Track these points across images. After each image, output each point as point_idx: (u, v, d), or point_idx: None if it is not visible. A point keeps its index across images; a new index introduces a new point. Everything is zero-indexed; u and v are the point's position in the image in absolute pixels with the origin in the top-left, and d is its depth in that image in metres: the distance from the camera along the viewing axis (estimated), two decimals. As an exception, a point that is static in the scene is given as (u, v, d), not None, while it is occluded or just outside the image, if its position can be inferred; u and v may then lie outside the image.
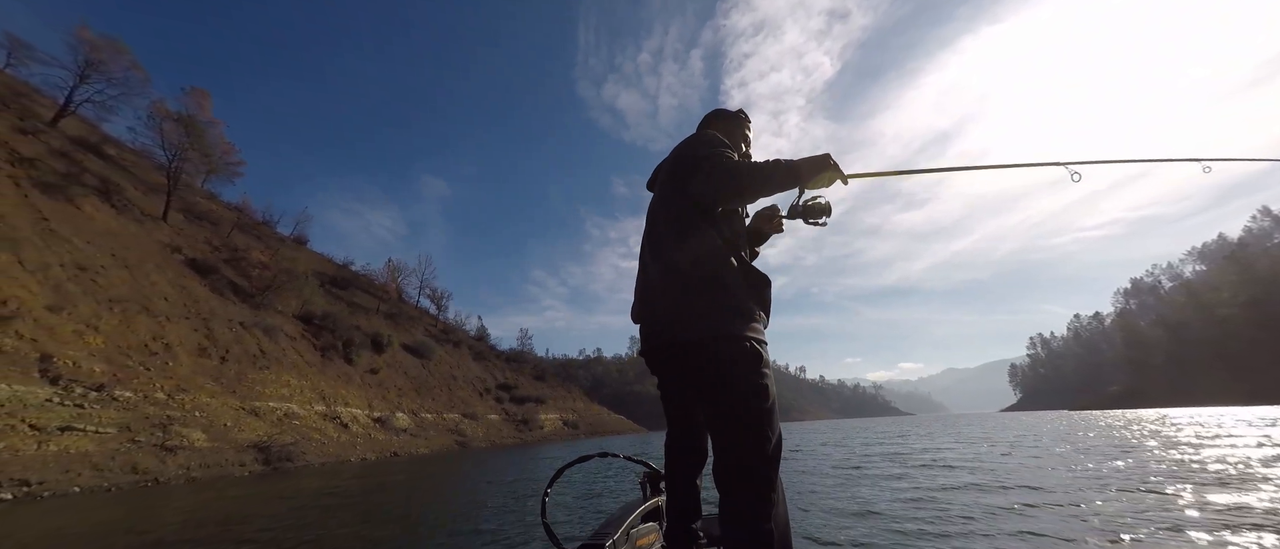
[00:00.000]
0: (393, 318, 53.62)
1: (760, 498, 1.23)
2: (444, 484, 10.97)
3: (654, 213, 1.59)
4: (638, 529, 1.68)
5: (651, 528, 1.76)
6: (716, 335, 1.32)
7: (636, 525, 1.70)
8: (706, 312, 1.34)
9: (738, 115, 1.80)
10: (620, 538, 1.54)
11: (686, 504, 1.61)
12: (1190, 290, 76.33)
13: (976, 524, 4.23)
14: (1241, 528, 3.66)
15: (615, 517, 1.71)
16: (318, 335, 36.07)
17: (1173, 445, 9.96)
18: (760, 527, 1.21)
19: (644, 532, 1.70)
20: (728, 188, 1.38)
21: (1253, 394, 44.43)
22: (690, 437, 1.63)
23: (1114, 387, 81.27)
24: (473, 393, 52.59)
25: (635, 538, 1.63)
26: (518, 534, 5.19)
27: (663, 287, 1.44)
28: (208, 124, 35.49)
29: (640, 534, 1.67)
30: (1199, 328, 62.12)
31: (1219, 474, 6.04)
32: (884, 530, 4.22)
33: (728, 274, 1.37)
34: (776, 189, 1.38)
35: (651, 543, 1.70)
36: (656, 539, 1.74)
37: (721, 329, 1.32)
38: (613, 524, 1.61)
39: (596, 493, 7.95)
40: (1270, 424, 14.36)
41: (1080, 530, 3.84)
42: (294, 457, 19.60)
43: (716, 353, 1.32)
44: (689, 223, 1.44)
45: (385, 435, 30.42)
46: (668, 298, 1.42)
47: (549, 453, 23.04)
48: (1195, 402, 50.30)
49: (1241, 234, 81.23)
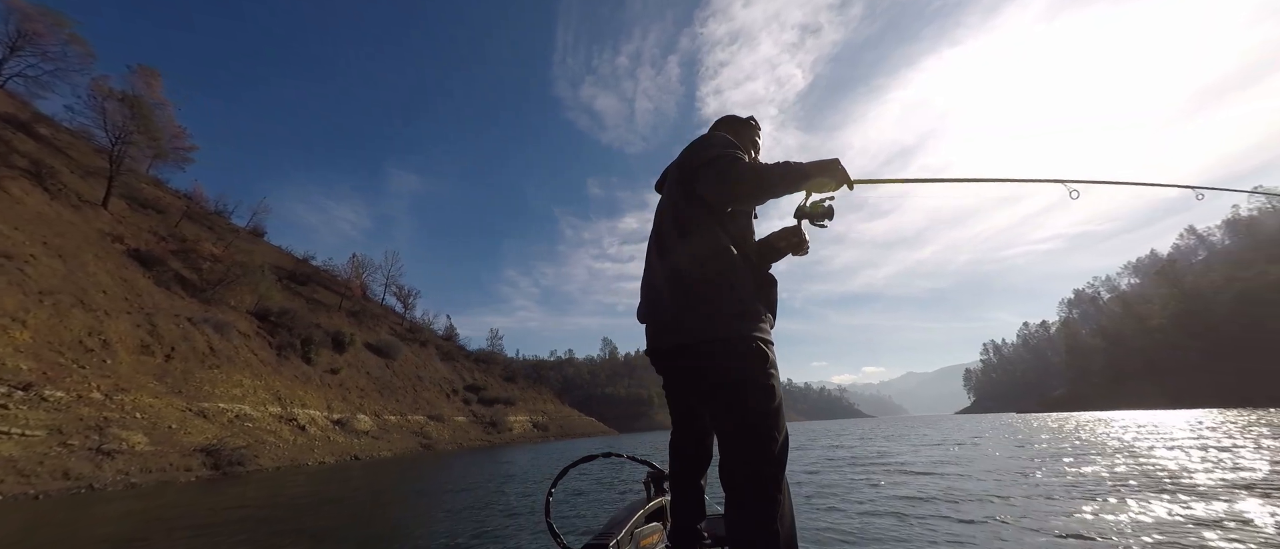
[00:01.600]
0: (356, 316, 51.68)
1: (767, 499, 1.22)
2: (399, 492, 10.61)
3: (661, 213, 1.59)
4: (641, 530, 1.67)
5: (655, 528, 1.76)
6: (722, 336, 1.31)
7: (640, 526, 1.69)
8: (712, 312, 1.33)
9: (749, 121, 1.79)
10: (624, 538, 1.53)
11: (691, 504, 1.61)
12: (1125, 302, 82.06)
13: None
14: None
15: (619, 517, 1.71)
16: (274, 333, 34.39)
17: (1093, 447, 10.67)
18: (767, 527, 1.20)
19: (647, 532, 1.69)
20: (737, 188, 1.38)
21: (1177, 398, 48.07)
22: (695, 437, 1.62)
23: (1058, 391, 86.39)
24: (439, 394, 51.22)
25: (639, 538, 1.62)
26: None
27: (668, 287, 1.43)
28: (156, 105, 33.37)
29: (644, 534, 1.66)
30: (1132, 337, 66.76)
31: (1116, 474, 6.53)
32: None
33: (734, 274, 1.36)
34: (784, 191, 1.37)
35: (655, 543, 1.69)
36: (660, 539, 1.73)
37: (727, 330, 1.31)
38: (617, 525, 1.60)
39: (580, 491, 7.87)
40: (1191, 426, 15.59)
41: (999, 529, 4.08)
42: (246, 460, 18.60)
43: (722, 354, 1.31)
44: (696, 223, 1.43)
45: (345, 438, 29.25)
46: (673, 298, 1.41)
47: (514, 456, 22.68)
48: (1128, 405, 54.02)
49: (1170, 251, 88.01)
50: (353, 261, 59.83)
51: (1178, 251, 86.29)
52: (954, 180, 1.72)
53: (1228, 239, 78.93)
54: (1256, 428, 13.72)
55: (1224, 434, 12.22)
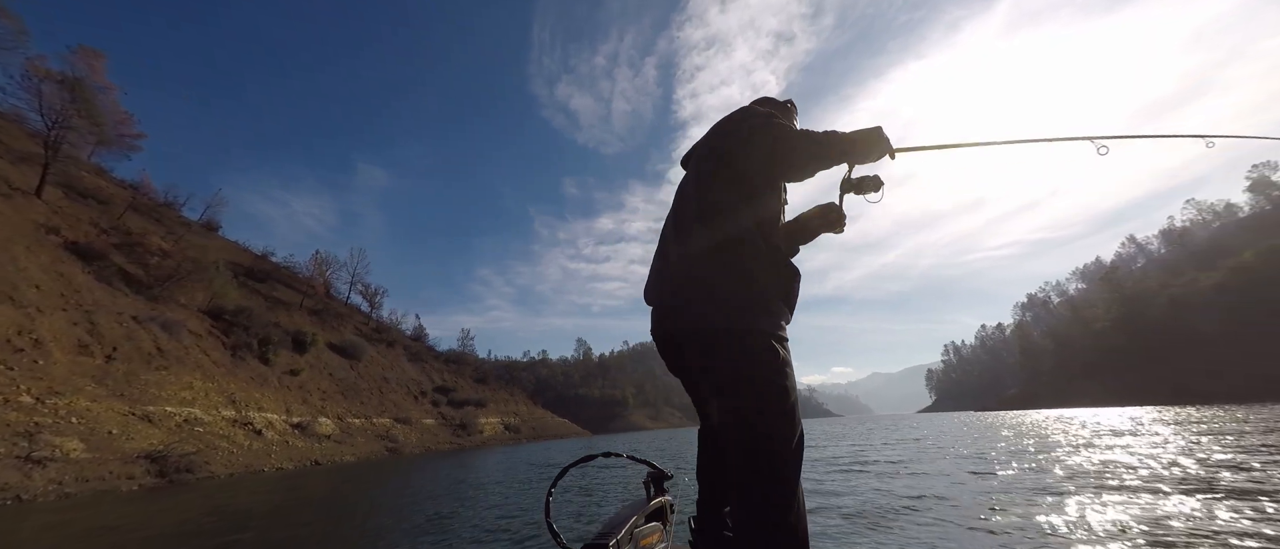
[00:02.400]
0: (318, 315, 49.70)
1: (773, 502, 1.14)
2: (353, 500, 10.25)
3: (684, 190, 1.49)
4: (641, 530, 1.65)
5: (655, 528, 1.73)
6: (729, 327, 1.23)
7: (640, 526, 1.67)
8: (722, 301, 1.25)
9: (788, 104, 1.68)
10: (624, 538, 1.50)
11: (716, 494, 1.55)
12: (1073, 306, 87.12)
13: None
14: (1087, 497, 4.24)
15: (619, 517, 1.67)
16: (228, 332, 32.69)
17: (1048, 446, 11.28)
18: (773, 531, 1.13)
19: (647, 532, 1.67)
20: (792, 156, 1.29)
21: (1120, 397, 51.27)
22: None
23: (1012, 390, 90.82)
24: (407, 396, 49.76)
25: (639, 538, 1.60)
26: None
27: (680, 269, 1.35)
28: (100, 89, 31.21)
29: (644, 534, 1.64)
30: (1079, 339, 70.88)
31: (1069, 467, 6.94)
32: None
33: (752, 261, 1.27)
34: (833, 161, 1.30)
35: (655, 543, 1.68)
36: (660, 539, 1.72)
37: (736, 321, 1.23)
38: (616, 525, 1.57)
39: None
40: (1123, 423, 16.66)
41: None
42: (195, 467, 17.58)
43: (729, 347, 1.23)
44: (720, 202, 1.33)
45: (305, 443, 28.04)
46: (685, 281, 1.33)
47: (484, 461, 22.27)
48: (1075, 403, 57.30)
49: (1113, 258, 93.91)
50: (315, 258, 57.55)
51: (1119, 259, 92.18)
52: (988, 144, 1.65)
53: (1163, 248, 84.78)
54: (1182, 424, 14.74)
55: (1149, 430, 13.10)
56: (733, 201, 1.32)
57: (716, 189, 1.36)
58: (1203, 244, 68.32)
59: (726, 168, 1.37)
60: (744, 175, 1.34)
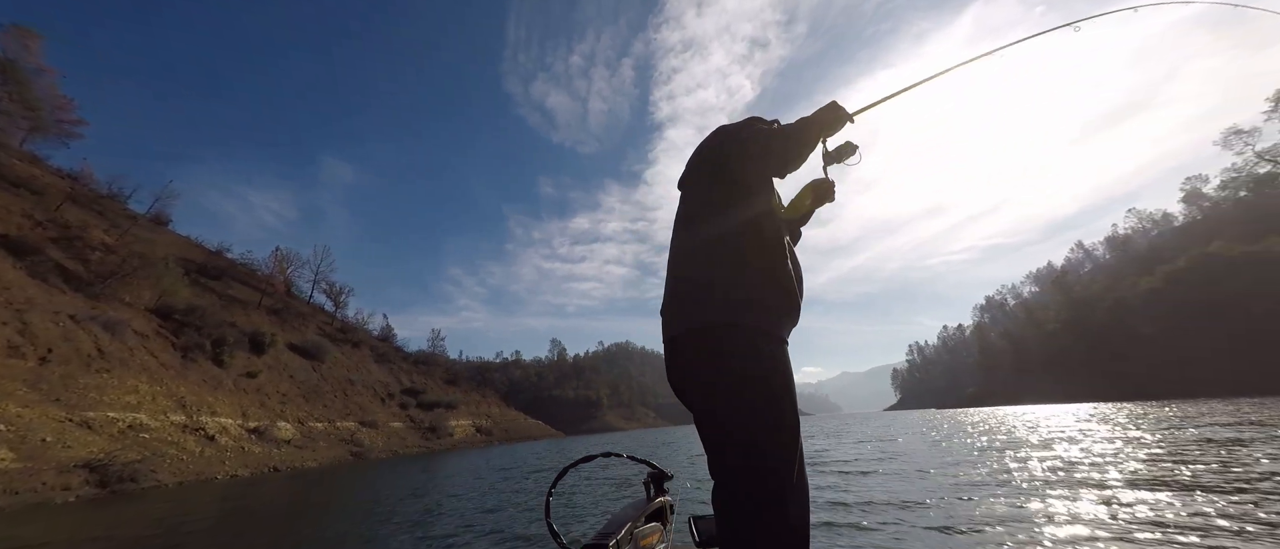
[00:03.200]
0: (278, 314, 47.65)
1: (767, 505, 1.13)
2: (309, 511, 9.87)
3: (683, 202, 1.54)
4: (641, 529, 1.65)
5: (655, 528, 1.73)
6: (725, 321, 1.25)
7: (640, 526, 1.67)
8: (718, 295, 1.28)
9: (773, 122, 1.76)
10: (624, 538, 1.51)
11: None
12: (1027, 309, 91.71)
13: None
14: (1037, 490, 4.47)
15: (619, 517, 1.67)
16: (179, 332, 30.97)
17: (1003, 444, 11.84)
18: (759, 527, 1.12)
19: (647, 532, 1.67)
20: (780, 151, 1.38)
21: (1070, 394, 54.23)
22: None
23: (971, 389, 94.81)
24: (373, 398, 48.20)
25: (639, 538, 1.60)
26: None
27: (679, 271, 1.41)
28: (35, 72, 29.08)
29: (644, 534, 1.64)
30: (1033, 340, 74.63)
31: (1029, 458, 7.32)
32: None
33: (749, 257, 1.31)
34: (810, 146, 1.41)
35: (655, 543, 1.67)
36: (660, 539, 1.72)
37: (720, 316, 1.26)
38: (617, 525, 1.57)
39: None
40: (1068, 419, 17.66)
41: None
42: (140, 476, 16.56)
43: (714, 343, 1.26)
44: (717, 202, 1.40)
45: (263, 448, 26.80)
46: (682, 282, 1.38)
47: (449, 463, 21.80)
48: (1029, 400, 60.30)
49: (1063, 263, 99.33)
50: (276, 255, 55.21)
51: (1069, 264, 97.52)
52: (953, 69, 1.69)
53: (1108, 254, 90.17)
54: (1122, 420, 15.70)
55: (1090, 426, 13.91)
56: (727, 201, 1.38)
57: (714, 190, 1.42)
58: (1142, 251, 73.07)
59: (721, 170, 1.43)
60: (737, 177, 1.39)
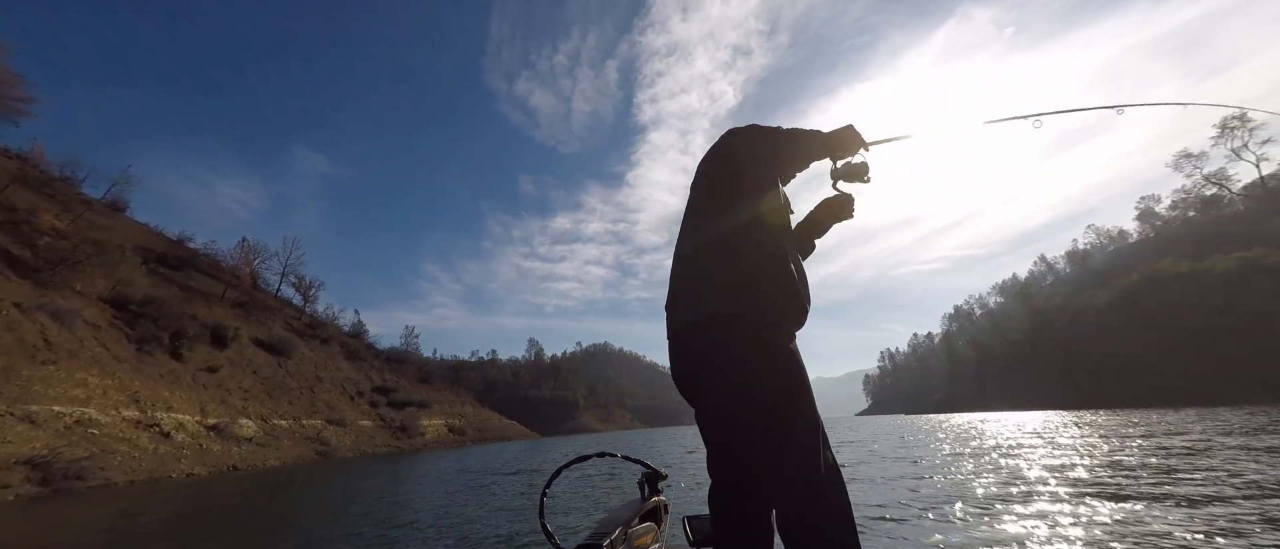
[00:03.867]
0: (243, 307, 45.88)
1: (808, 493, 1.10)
2: (267, 511, 9.54)
3: (692, 200, 1.55)
4: (635, 529, 1.64)
5: (649, 528, 1.72)
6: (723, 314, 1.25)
7: (634, 526, 1.66)
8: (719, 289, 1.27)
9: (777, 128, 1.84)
10: (618, 538, 1.50)
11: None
12: (992, 318, 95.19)
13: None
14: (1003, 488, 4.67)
15: (613, 517, 1.67)
16: (134, 324, 29.51)
17: (961, 443, 12.28)
18: None
19: (642, 532, 1.66)
20: (783, 153, 1.41)
21: (1031, 401, 56.47)
22: None
23: (939, 395, 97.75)
24: (342, 396, 46.82)
25: (633, 538, 1.60)
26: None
27: (685, 267, 1.41)
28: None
29: (638, 534, 1.64)
30: (997, 348, 77.47)
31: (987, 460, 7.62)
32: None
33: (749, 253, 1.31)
34: (815, 156, 1.44)
35: (649, 543, 1.67)
36: (654, 539, 1.71)
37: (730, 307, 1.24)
38: (611, 525, 1.57)
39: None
40: (1020, 425, 18.45)
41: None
42: (87, 474, 15.70)
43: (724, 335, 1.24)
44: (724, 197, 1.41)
45: (222, 446, 25.73)
46: (686, 277, 1.39)
47: (425, 468, 21.39)
48: (993, 407, 62.56)
49: (1027, 275, 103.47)
50: (242, 246, 53.05)
51: (1032, 276, 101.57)
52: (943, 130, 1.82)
53: (1068, 267, 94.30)
54: (1075, 427, 16.45)
55: (1047, 430, 14.54)
56: (733, 199, 1.39)
57: (721, 189, 1.43)
58: (1100, 265, 76.68)
59: (729, 169, 1.44)
60: (745, 176, 1.41)
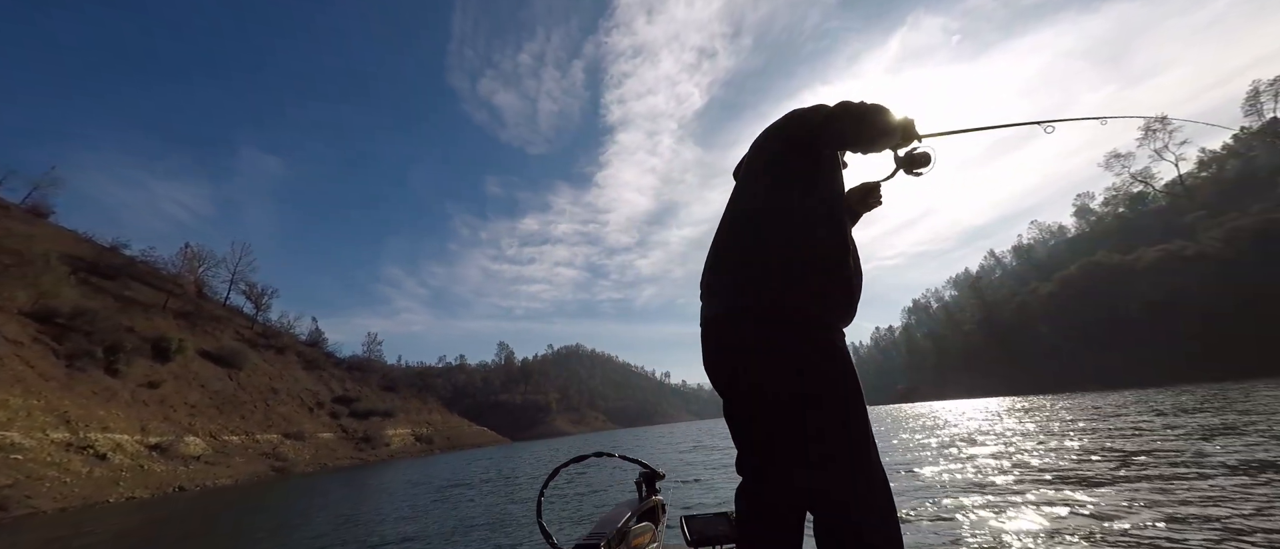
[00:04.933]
0: (188, 317, 43.15)
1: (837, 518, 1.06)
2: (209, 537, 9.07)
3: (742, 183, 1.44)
4: (633, 529, 1.64)
5: (646, 527, 1.72)
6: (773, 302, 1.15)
7: (632, 525, 1.65)
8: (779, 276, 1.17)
9: None
10: (615, 537, 1.50)
11: None
12: (947, 311, 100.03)
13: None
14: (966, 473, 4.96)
15: (610, 516, 1.66)
16: (62, 339, 27.28)
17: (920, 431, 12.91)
18: None
19: (639, 531, 1.66)
20: (868, 123, 1.29)
21: (984, 389, 59.66)
22: None
23: (900, 385, 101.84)
24: (299, 408, 44.68)
25: (631, 538, 1.59)
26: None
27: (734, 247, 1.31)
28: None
29: (636, 534, 1.63)
30: (952, 339, 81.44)
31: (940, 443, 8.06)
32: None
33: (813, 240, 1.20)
34: (891, 135, 1.33)
35: (646, 543, 1.66)
36: (652, 539, 1.70)
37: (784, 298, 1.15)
38: (608, 524, 1.56)
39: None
40: (988, 412, 19.57)
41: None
42: (9, 504, 14.42)
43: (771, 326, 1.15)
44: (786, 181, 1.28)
45: (167, 466, 24.12)
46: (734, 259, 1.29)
47: (387, 478, 20.74)
48: (950, 396, 65.77)
49: (978, 269, 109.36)
50: (186, 253, 49.92)
51: (983, 270, 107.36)
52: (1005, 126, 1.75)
53: (1015, 261, 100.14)
54: (1022, 411, 17.53)
55: (995, 417, 15.45)
56: (796, 177, 1.28)
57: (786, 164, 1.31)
58: (1043, 259, 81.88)
59: (797, 142, 1.32)
60: (816, 149, 1.30)
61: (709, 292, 1.32)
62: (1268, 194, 39.48)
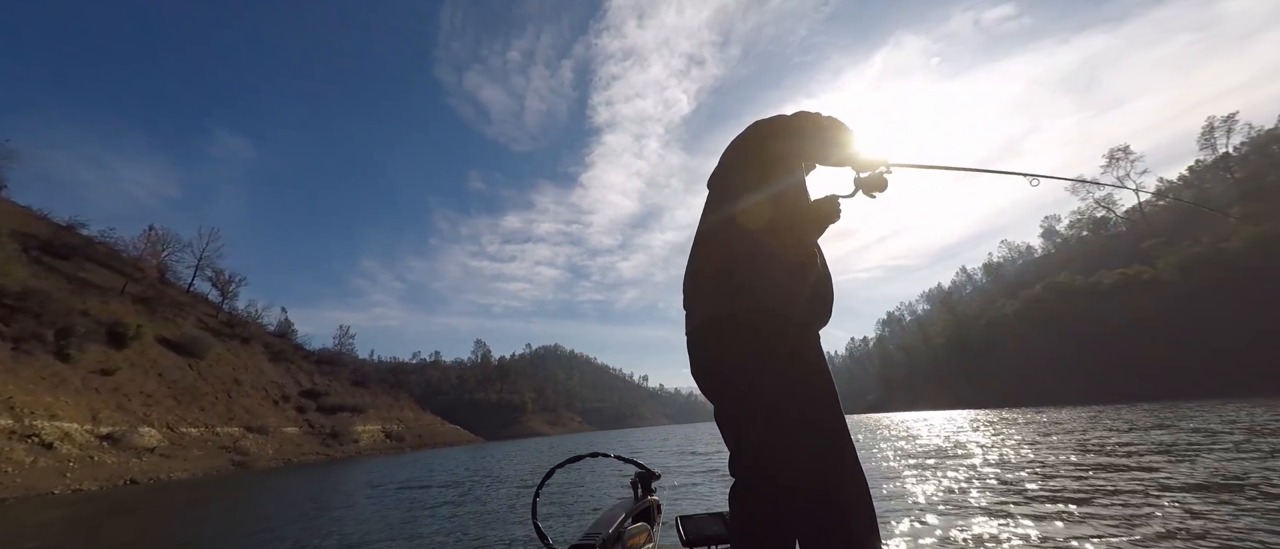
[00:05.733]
0: (148, 302, 41.30)
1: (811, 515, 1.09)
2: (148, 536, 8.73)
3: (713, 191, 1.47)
4: (629, 529, 1.63)
5: (642, 528, 1.73)
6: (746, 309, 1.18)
7: (628, 525, 1.65)
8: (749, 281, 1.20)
9: None
10: (611, 537, 1.50)
11: None
12: (920, 324, 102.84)
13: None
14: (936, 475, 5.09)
15: (606, 516, 1.66)
16: (9, 320, 25.84)
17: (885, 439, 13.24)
18: None
19: (635, 531, 1.67)
20: (825, 134, 1.33)
21: (953, 401, 61.37)
22: None
23: (871, 396, 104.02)
24: (264, 400, 43.18)
25: (626, 537, 1.59)
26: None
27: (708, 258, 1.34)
28: None
29: (631, 534, 1.64)
30: (924, 352, 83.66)
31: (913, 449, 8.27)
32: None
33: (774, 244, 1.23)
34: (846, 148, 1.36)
35: (642, 543, 1.66)
36: (647, 539, 1.70)
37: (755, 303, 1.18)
38: (604, 524, 1.57)
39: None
40: (951, 422, 20.16)
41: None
42: (-59, 494, 13.54)
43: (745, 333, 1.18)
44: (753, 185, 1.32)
45: (119, 457, 23.01)
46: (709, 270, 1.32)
47: (349, 476, 20.24)
48: (921, 407, 67.48)
49: (950, 285, 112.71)
50: (148, 235, 47.80)
51: (954, 285, 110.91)
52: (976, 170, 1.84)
53: (985, 278, 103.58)
54: (986, 424, 18.12)
55: (957, 428, 15.93)
56: (763, 181, 1.31)
57: (751, 170, 1.35)
58: (1011, 277, 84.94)
59: (762, 148, 1.37)
60: (779, 154, 1.34)
61: (689, 303, 1.35)
62: (1219, 224, 41.77)
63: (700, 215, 1.47)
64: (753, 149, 1.38)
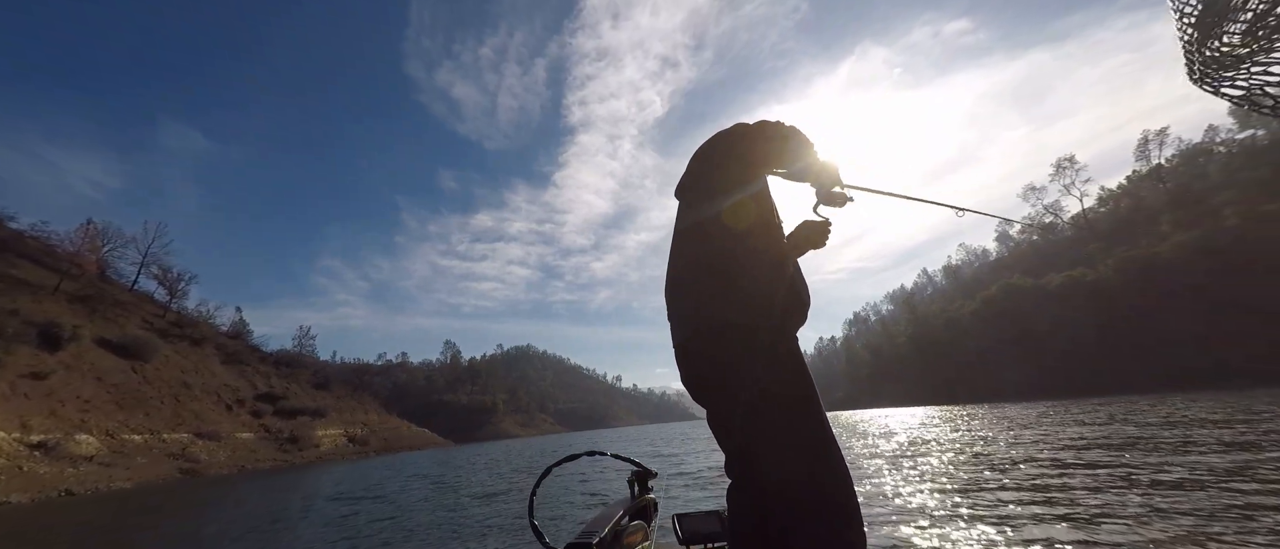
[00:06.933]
0: (86, 301, 38.64)
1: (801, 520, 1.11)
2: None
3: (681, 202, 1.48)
4: (625, 527, 1.64)
5: (639, 526, 1.74)
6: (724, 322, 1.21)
7: (624, 524, 1.66)
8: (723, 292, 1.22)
9: None
10: (608, 536, 1.51)
11: None
12: (884, 324, 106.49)
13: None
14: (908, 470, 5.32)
15: (603, 515, 1.68)
16: (-76, 320, 23.64)
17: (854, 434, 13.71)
18: None
19: (632, 529, 1.68)
20: (782, 141, 1.35)
21: (915, 399, 63.85)
22: None
23: (839, 393, 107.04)
24: (216, 405, 41.00)
25: (623, 536, 1.61)
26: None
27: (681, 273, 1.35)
28: None
29: (628, 532, 1.65)
30: (888, 351, 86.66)
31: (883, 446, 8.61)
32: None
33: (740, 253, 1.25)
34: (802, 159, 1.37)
35: (639, 541, 1.66)
36: (644, 537, 1.71)
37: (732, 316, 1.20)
38: (601, 522, 1.58)
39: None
40: (907, 418, 20.99)
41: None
42: None
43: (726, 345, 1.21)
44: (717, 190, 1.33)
45: (52, 467, 21.42)
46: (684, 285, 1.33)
47: (310, 484, 19.51)
48: (884, 404, 69.90)
49: (912, 286, 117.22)
50: (86, 230, 44.64)
51: (916, 287, 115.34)
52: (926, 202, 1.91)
53: (944, 280, 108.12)
54: (950, 419, 18.95)
55: (920, 424, 16.63)
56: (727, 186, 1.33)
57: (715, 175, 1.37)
58: (969, 279, 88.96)
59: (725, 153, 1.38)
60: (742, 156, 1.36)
61: (673, 315, 1.37)
62: (1153, 230, 44.91)
63: (675, 223, 1.47)
64: (731, 149, 1.39)
